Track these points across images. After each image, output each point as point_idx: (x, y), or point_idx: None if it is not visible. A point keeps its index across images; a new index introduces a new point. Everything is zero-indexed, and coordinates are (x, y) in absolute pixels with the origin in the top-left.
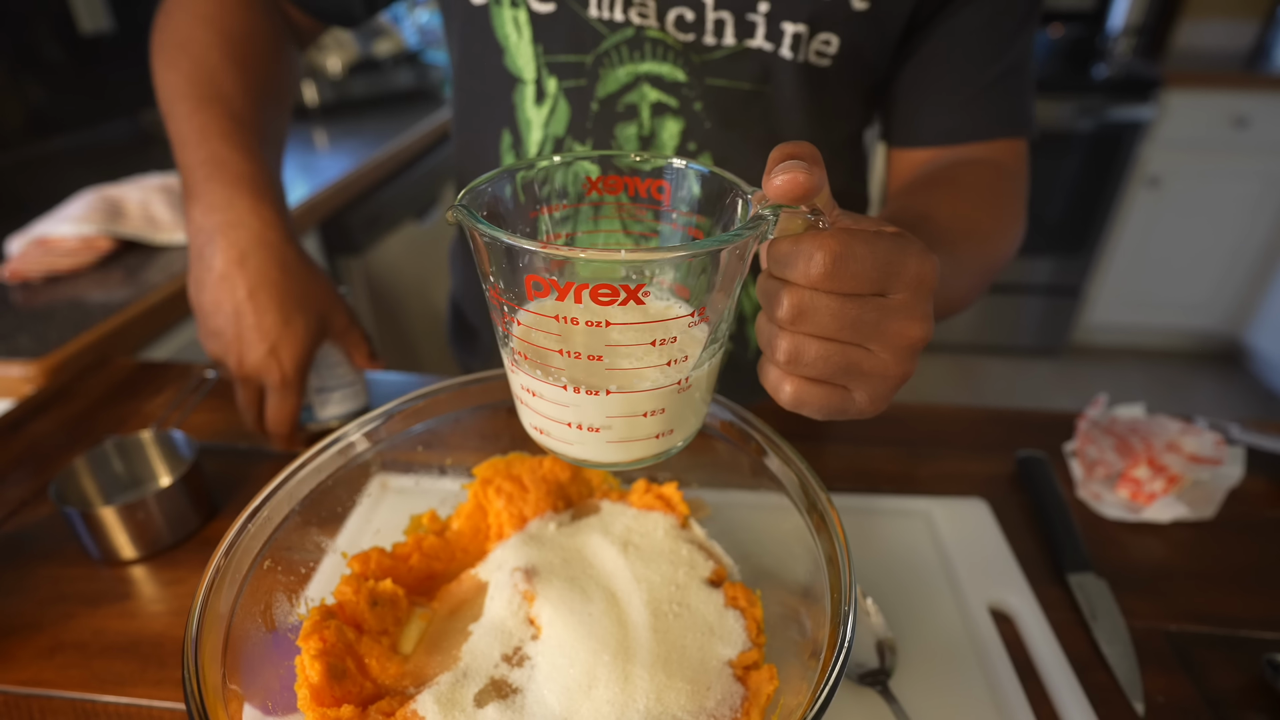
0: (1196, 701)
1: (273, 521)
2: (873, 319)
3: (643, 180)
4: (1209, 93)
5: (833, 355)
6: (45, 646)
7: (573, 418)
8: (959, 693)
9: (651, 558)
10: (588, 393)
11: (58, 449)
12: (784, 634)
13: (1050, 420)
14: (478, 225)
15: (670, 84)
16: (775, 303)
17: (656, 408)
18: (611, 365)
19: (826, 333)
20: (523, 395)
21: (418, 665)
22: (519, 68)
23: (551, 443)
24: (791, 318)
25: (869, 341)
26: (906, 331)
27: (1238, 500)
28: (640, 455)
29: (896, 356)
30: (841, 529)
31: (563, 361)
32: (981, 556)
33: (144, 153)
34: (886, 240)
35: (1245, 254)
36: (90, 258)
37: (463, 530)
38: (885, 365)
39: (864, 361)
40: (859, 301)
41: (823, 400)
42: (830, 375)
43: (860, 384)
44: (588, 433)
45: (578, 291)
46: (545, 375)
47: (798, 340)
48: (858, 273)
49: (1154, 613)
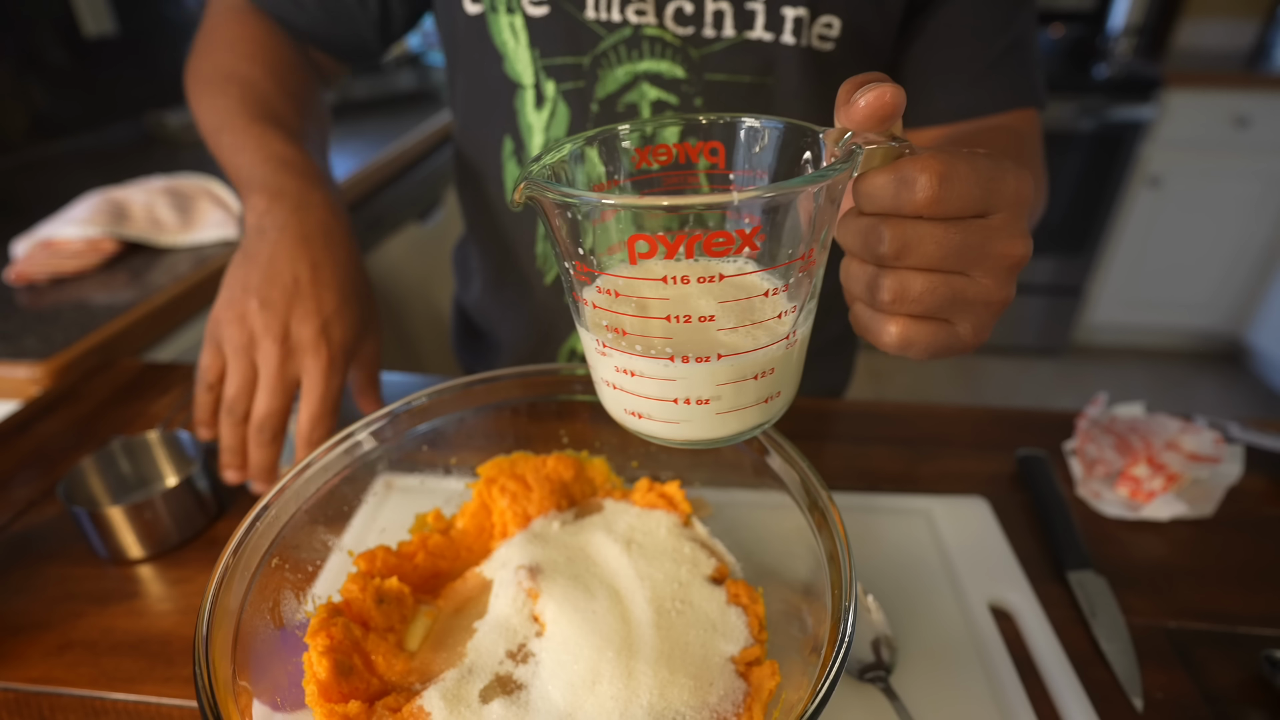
0: (1195, 698)
1: (280, 520)
2: (977, 242)
3: (694, 145)
4: (1210, 92)
5: (938, 287)
6: (54, 645)
7: (679, 392)
8: (959, 689)
9: (654, 555)
10: (697, 360)
11: (64, 450)
12: (786, 631)
13: (1050, 419)
14: (572, 193)
15: (669, 81)
16: (874, 239)
17: (767, 368)
18: (723, 325)
19: (931, 263)
20: (617, 379)
21: (423, 662)
22: (518, 73)
23: (652, 426)
24: (895, 252)
25: (973, 268)
26: (1010, 251)
27: (1237, 498)
28: (750, 424)
29: (999, 281)
30: (842, 526)
31: (669, 328)
32: (982, 554)
33: (148, 155)
34: (983, 159)
35: (1246, 253)
36: (95, 260)
37: (467, 529)
38: (989, 291)
39: (968, 290)
40: (962, 226)
41: (929, 339)
42: (936, 309)
43: (964, 315)
44: (695, 406)
45: (690, 244)
46: (647, 349)
47: (901, 276)
48: (964, 193)
49: (1153, 610)
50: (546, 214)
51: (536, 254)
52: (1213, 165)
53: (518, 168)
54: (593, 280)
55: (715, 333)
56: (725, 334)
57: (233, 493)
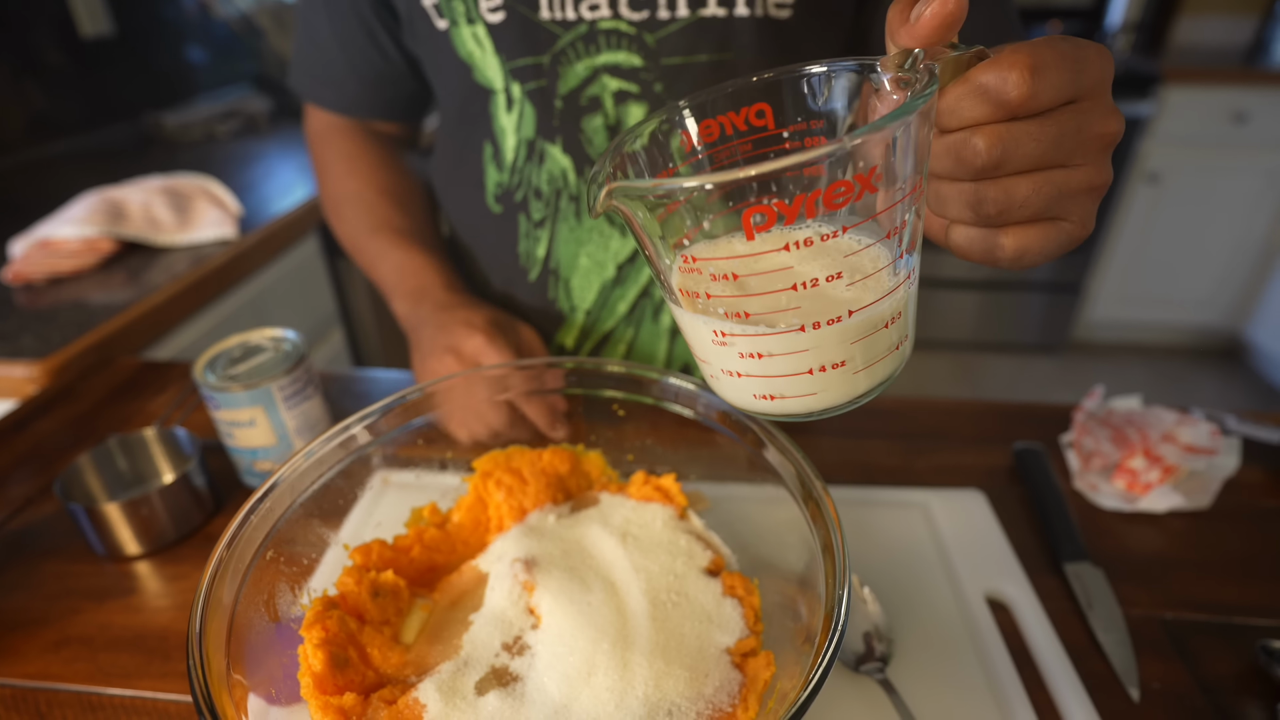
0: (1192, 688)
1: (275, 513)
2: (1073, 129)
3: (738, 112)
4: (1208, 88)
5: (1043, 186)
6: (51, 641)
7: (813, 361)
8: (956, 681)
9: (650, 548)
10: (829, 323)
11: (62, 448)
12: (781, 622)
13: (1047, 413)
14: (675, 183)
15: (628, 70)
16: (969, 154)
17: (895, 313)
18: (851, 279)
19: (1033, 163)
20: (741, 365)
21: (419, 655)
22: (489, 79)
23: (788, 405)
24: (996, 161)
25: (1073, 157)
26: (1105, 130)
27: (1233, 490)
28: (885, 375)
29: (1097, 163)
30: (836, 516)
31: (796, 298)
32: (978, 547)
33: (145, 155)
34: (1062, 41)
35: (1246, 249)
36: (92, 259)
37: (463, 523)
38: (1090, 177)
39: (1071, 181)
40: (1057, 117)
41: (1043, 241)
42: (1044, 210)
43: (1070, 208)
44: (831, 372)
45: (810, 203)
46: (774, 325)
47: (1005, 185)
48: (1056, 83)
49: (1150, 601)
50: (637, 219)
51: (519, 252)
52: (1211, 161)
53: (497, 171)
54: (704, 270)
55: (844, 290)
56: (853, 289)
57: (230, 489)
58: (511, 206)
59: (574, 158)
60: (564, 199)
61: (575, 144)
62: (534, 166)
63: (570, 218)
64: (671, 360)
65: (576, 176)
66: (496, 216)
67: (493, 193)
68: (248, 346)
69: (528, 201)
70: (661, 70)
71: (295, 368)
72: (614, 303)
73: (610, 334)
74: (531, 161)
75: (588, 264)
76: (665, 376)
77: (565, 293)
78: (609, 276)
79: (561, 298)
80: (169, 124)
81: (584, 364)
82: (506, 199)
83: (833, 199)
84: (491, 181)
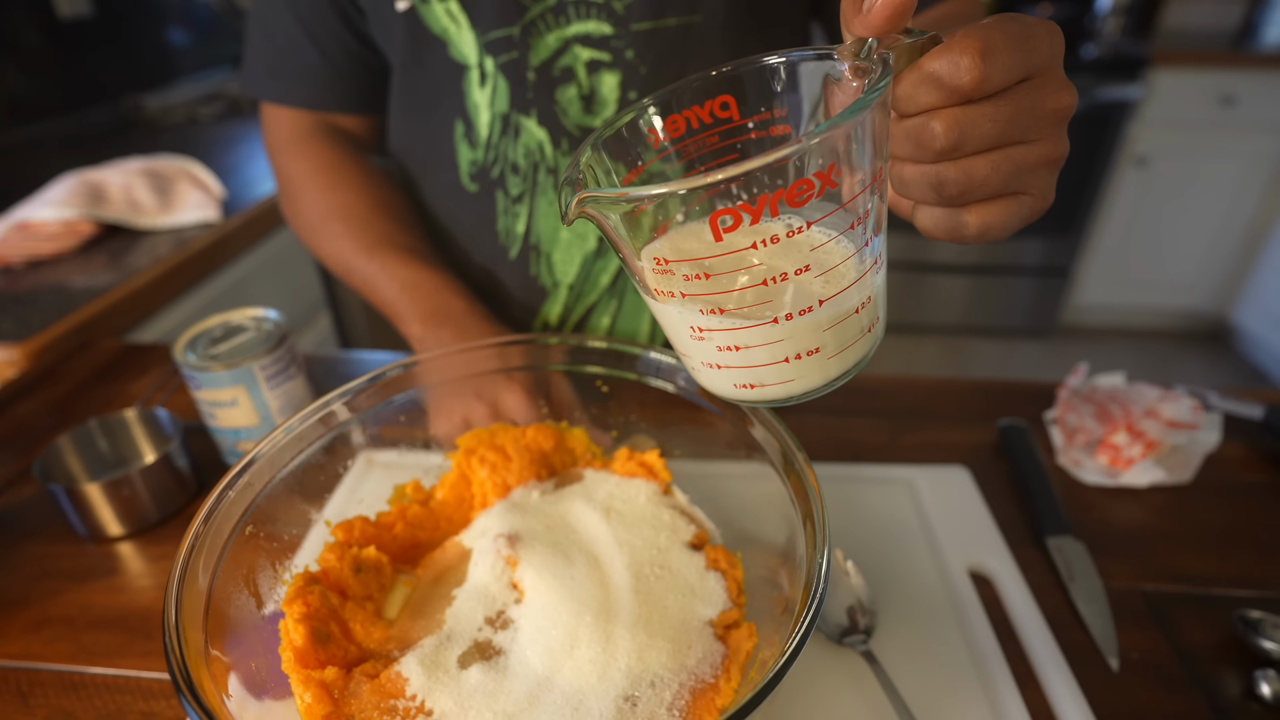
0: (1170, 657)
1: (254, 489)
2: (1027, 106)
3: (703, 105)
4: (1197, 72)
5: (1001, 164)
6: (33, 621)
7: (788, 350)
8: (938, 652)
9: (633, 523)
10: (800, 314)
11: (42, 430)
12: (764, 595)
13: (1032, 390)
14: (643, 192)
15: (599, 39)
16: (927, 137)
17: (864, 299)
18: (819, 271)
19: (990, 143)
20: (720, 358)
21: (402, 630)
22: (464, 55)
23: (768, 392)
24: (954, 143)
25: (1029, 133)
26: (1059, 105)
27: (1214, 465)
28: (859, 357)
29: (1053, 137)
30: (817, 484)
31: (767, 292)
32: (962, 521)
33: (126, 138)
34: (1010, 21)
35: (1232, 232)
36: (72, 242)
37: (446, 499)
38: (1046, 151)
39: (1029, 156)
40: (1011, 96)
41: (1005, 216)
42: (1004, 186)
43: (1030, 182)
44: (807, 359)
45: (773, 203)
46: (749, 318)
47: (964, 165)
48: (1007, 64)
49: (1131, 573)
50: (609, 223)
51: (499, 230)
52: (1200, 144)
53: (470, 149)
54: (676, 271)
55: (813, 281)
56: (821, 279)
57: (213, 470)
58: (488, 184)
59: (549, 129)
60: (541, 172)
61: (550, 115)
62: (509, 141)
63: (549, 191)
64: (656, 333)
65: (553, 149)
66: (473, 195)
67: (467, 171)
68: (229, 326)
69: (505, 177)
70: (632, 37)
71: (277, 347)
72: (596, 275)
73: (594, 307)
74: (507, 136)
75: (568, 237)
76: (648, 351)
77: (548, 268)
78: (590, 248)
79: (544, 273)
80: (150, 106)
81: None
82: (482, 176)
83: (795, 197)
84: (465, 160)
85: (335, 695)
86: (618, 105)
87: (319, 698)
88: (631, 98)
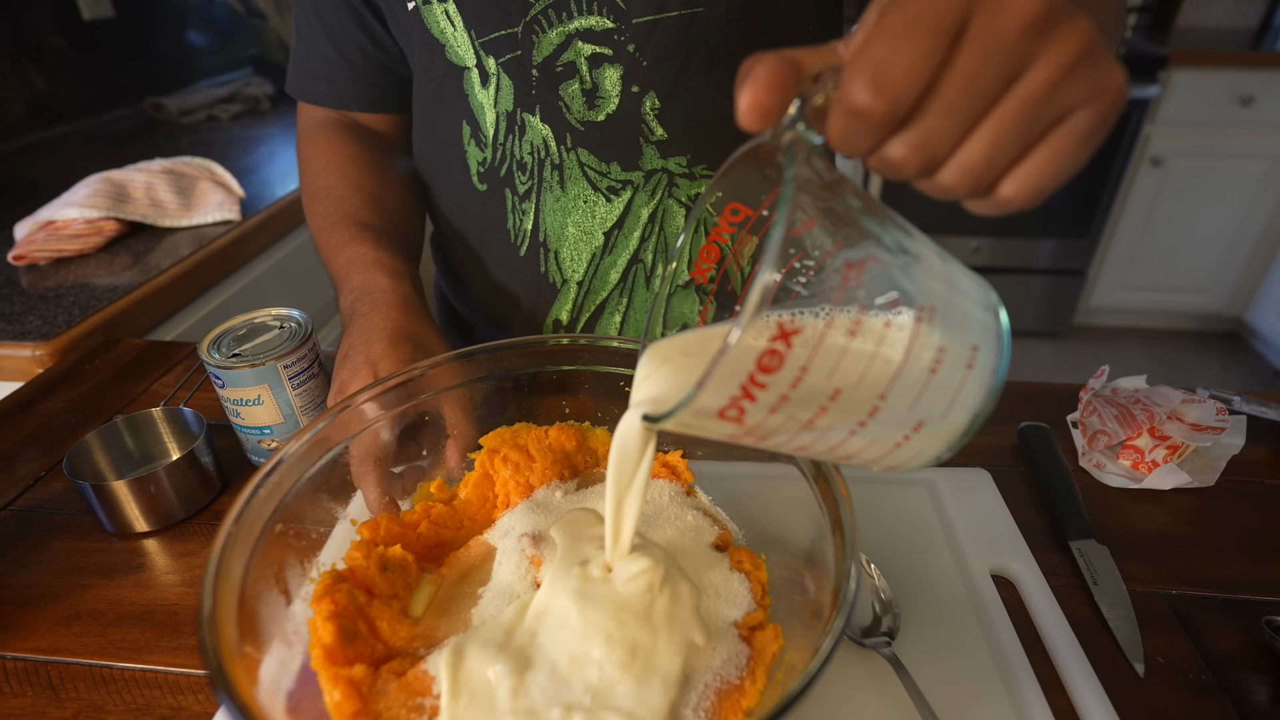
0: (1197, 663)
1: (284, 487)
2: (983, 55)
3: (718, 222)
4: (1214, 71)
5: (1001, 129)
6: (62, 616)
7: (892, 436)
8: (962, 655)
9: (657, 523)
10: (870, 413)
11: (69, 427)
12: (789, 597)
13: (1050, 392)
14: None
15: (601, 34)
16: (896, 172)
17: (930, 362)
18: (875, 356)
19: (966, 125)
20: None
21: (428, 628)
22: (460, 57)
23: (895, 463)
24: (924, 164)
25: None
26: (1022, 15)
27: (1238, 468)
28: (965, 419)
29: (1049, 46)
30: (846, 491)
31: (837, 404)
32: (984, 524)
33: (147, 139)
34: (891, 8)
35: (1249, 233)
36: (97, 241)
37: (470, 499)
38: (1050, 68)
39: (1032, 88)
40: (953, 68)
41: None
42: (1023, 138)
43: (1064, 99)
44: (915, 435)
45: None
46: (837, 432)
47: (960, 162)
48: (913, 57)
49: (1155, 578)
50: None
51: (509, 228)
52: (1216, 144)
53: (478, 150)
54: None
55: (861, 379)
56: (876, 363)
57: (237, 468)
58: (497, 182)
59: (553, 126)
60: (547, 168)
61: (554, 111)
62: (515, 139)
63: (555, 187)
64: (667, 329)
65: (557, 144)
66: (483, 194)
67: (476, 171)
68: (253, 325)
69: (512, 175)
70: (633, 30)
71: (301, 345)
72: (605, 271)
73: (604, 305)
74: (512, 134)
75: (575, 233)
76: None
77: (556, 265)
78: (598, 244)
79: (553, 271)
80: (171, 107)
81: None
82: (491, 175)
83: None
84: (474, 160)
85: (363, 693)
86: (620, 99)
87: (348, 695)
88: (635, 91)
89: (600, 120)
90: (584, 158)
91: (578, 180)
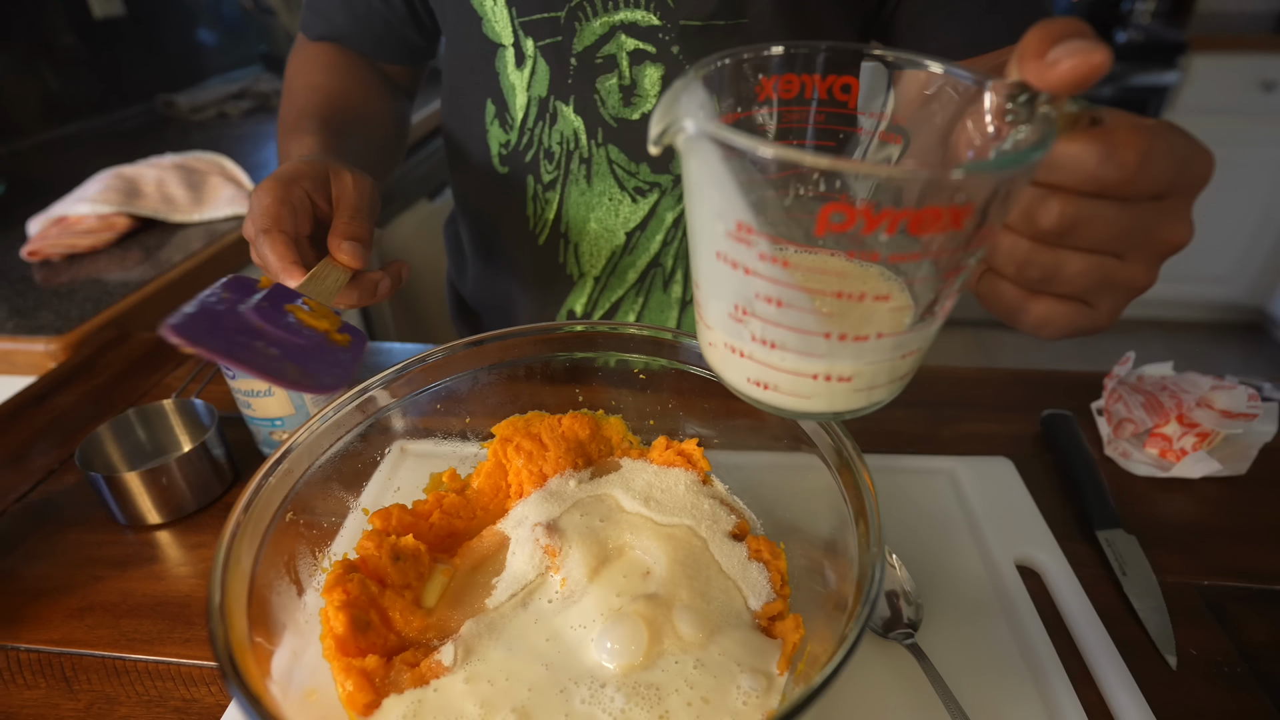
0: (1231, 654)
1: (293, 475)
2: (1146, 225)
3: (824, 78)
4: (1235, 56)
5: (1093, 270)
6: (75, 608)
7: (822, 368)
8: (987, 646)
9: (673, 512)
10: (855, 339)
11: (82, 420)
12: (809, 587)
13: (1073, 380)
14: (750, 143)
15: (646, 29)
16: (1041, 213)
17: (914, 347)
18: (896, 305)
19: (1094, 245)
20: (750, 347)
21: (441, 618)
22: (497, 33)
23: (776, 397)
24: (1062, 229)
25: (1131, 251)
26: (1173, 239)
27: (1270, 456)
28: (875, 400)
29: (1149, 265)
30: (871, 481)
31: (837, 305)
32: (1007, 514)
33: (158, 136)
34: (1177, 134)
35: (1271, 222)
36: (109, 236)
37: (483, 488)
38: (1136, 276)
39: (1118, 273)
40: (1137, 208)
41: (1068, 320)
42: (1083, 291)
43: (1105, 297)
44: (834, 383)
45: (894, 221)
46: (801, 323)
47: (1059, 256)
48: (1157, 176)
49: (1186, 568)
50: (702, 166)
51: (528, 215)
52: (1238, 131)
53: (501, 131)
54: (755, 245)
55: (885, 312)
56: (893, 313)
57: (248, 459)
58: (520, 168)
59: (585, 119)
60: (575, 161)
61: (588, 104)
62: (545, 126)
63: (580, 181)
64: None
65: (588, 138)
66: (502, 177)
67: (498, 153)
68: None
69: (538, 163)
70: (680, 31)
71: None
72: (624, 270)
73: (619, 302)
74: (543, 120)
75: (597, 229)
76: (688, 339)
77: (575, 258)
78: (619, 243)
79: (571, 263)
80: (182, 105)
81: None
82: (514, 159)
83: (920, 225)
84: (495, 142)
85: (376, 683)
86: (657, 100)
87: (360, 686)
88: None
89: (635, 119)
90: (614, 155)
91: (605, 177)
